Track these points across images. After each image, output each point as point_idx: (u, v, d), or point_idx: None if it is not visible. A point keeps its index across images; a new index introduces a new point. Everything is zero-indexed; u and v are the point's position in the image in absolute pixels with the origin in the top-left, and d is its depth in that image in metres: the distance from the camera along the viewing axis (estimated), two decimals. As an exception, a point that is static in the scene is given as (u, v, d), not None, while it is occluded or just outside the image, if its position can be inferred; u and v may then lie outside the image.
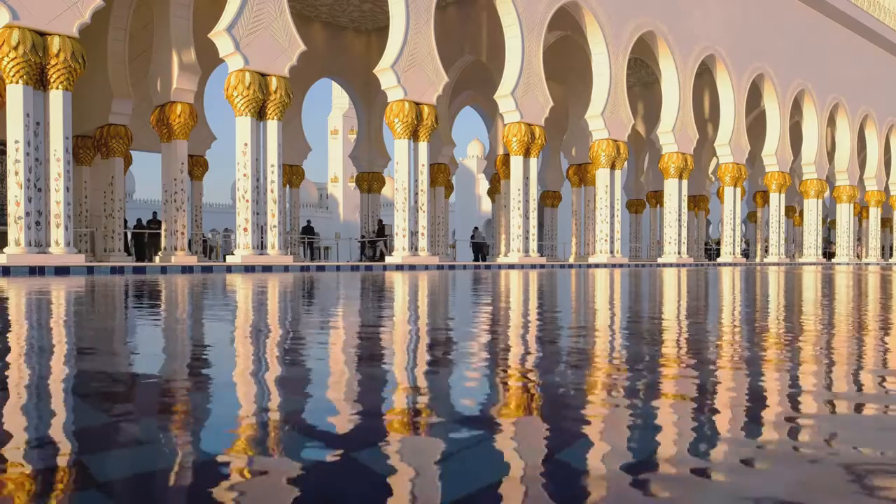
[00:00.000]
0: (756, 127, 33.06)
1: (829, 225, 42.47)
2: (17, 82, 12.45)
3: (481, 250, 28.85)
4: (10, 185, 12.66)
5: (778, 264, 28.36)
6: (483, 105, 29.56)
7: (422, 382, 1.76)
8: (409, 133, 17.61)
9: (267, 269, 15.18)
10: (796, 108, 32.86)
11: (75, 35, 12.82)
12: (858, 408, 1.48)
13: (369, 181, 26.89)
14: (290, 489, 0.93)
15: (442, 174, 26.15)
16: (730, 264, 26.42)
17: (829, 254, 38.89)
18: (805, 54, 31.34)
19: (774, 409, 1.45)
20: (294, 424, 1.32)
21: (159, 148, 17.47)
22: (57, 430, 1.27)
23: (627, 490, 0.92)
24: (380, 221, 26.05)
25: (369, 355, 2.32)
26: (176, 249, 16.80)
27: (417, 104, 17.53)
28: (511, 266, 20.00)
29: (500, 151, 26.78)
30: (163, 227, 17.33)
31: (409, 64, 17.16)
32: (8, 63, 12.27)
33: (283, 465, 1.04)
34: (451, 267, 19.07)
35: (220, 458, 1.07)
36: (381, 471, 1.01)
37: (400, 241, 17.91)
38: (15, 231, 12.63)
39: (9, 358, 2.20)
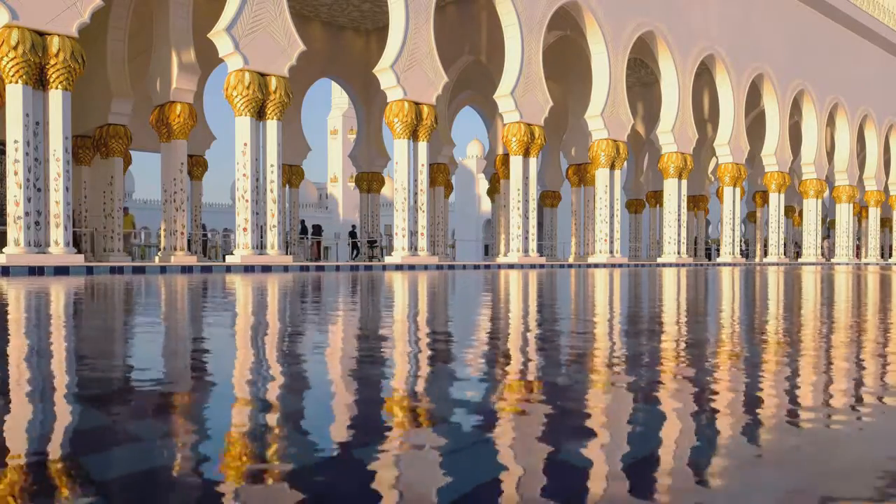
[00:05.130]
0: (756, 127, 33.05)
1: (828, 225, 42.47)
2: (17, 82, 12.43)
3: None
4: (9, 185, 12.64)
5: (777, 264, 28.36)
6: (482, 105, 29.53)
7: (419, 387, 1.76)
8: (408, 133, 17.60)
9: (266, 269, 15.17)
10: (796, 108, 32.85)
11: (75, 35, 12.80)
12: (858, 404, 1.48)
13: (369, 181, 26.88)
14: (289, 487, 0.92)
15: (441, 174, 26.14)
16: (729, 264, 26.42)
17: (825, 253, 38.83)
18: (805, 54, 31.33)
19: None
20: (293, 424, 1.31)
21: (159, 148, 17.45)
22: (54, 430, 1.26)
23: (629, 490, 0.92)
24: (302, 222, 26.58)
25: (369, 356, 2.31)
26: (175, 249, 16.80)
27: (417, 104, 17.51)
28: (511, 266, 20.00)
29: (500, 151, 26.78)
30: (162, 227, 17.32)
31: (408, 64, 17.14)
32: (7, 63, 12.25)
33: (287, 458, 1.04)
34: (451, 267, 19.07)
35: (219, 459, 1.07)
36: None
37: (399, 241, 17.91)
38: (14, 231, 12.61)
39: (8, 358, 2.20)
